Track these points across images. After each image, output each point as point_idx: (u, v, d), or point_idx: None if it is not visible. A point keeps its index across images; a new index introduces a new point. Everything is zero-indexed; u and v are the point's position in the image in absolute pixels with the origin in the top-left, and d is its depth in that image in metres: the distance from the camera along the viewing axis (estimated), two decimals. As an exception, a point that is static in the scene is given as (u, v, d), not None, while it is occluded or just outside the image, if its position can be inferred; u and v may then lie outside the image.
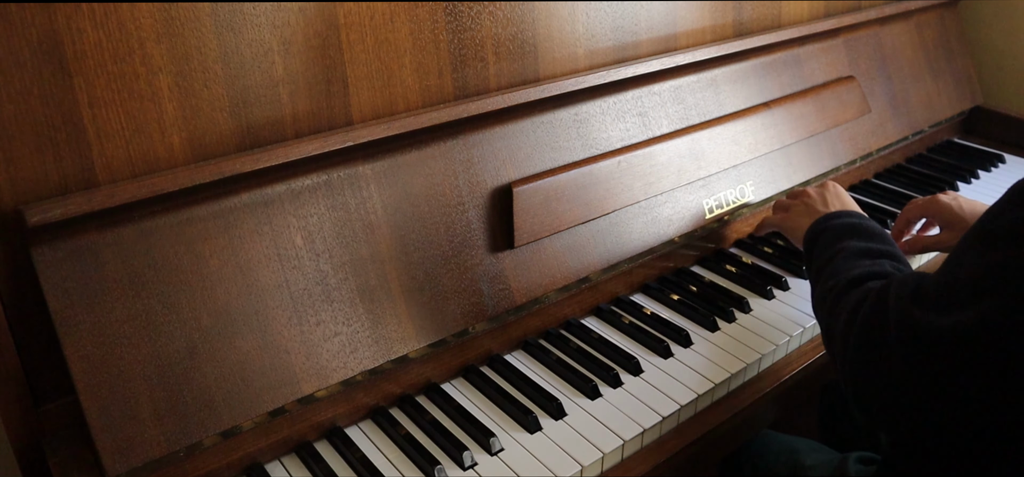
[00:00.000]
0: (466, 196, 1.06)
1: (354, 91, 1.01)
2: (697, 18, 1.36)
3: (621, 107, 1.23)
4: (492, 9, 1.09)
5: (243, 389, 0.88)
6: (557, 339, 1.14)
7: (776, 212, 1.31)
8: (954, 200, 1.25)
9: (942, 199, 1.26)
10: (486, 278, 1.07)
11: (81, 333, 0.81)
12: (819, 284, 0.97)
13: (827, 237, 1.04)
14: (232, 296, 0.89)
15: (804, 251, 1.10)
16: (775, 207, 1.34)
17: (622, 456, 0.96)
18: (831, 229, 1.05)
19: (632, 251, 1.21)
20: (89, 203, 0.80)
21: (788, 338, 1.13)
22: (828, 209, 1.16)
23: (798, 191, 1.30)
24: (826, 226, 1.07)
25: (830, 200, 1.19)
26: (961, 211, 1.23)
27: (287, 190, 0.94)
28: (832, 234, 1.04)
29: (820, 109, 1.48)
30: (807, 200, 1.22)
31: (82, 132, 0.83)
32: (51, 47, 0.80)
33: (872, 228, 1.03)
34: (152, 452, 0.83)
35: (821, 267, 1.00)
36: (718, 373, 1.06)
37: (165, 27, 0.86)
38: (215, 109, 0.91)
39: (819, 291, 0.96)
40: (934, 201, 1.26)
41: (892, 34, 1.69)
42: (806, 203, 1.21)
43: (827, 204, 1.18)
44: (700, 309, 1.19)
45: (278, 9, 0.92)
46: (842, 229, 1.04)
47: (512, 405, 1.00)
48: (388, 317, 0.99)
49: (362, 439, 0.98)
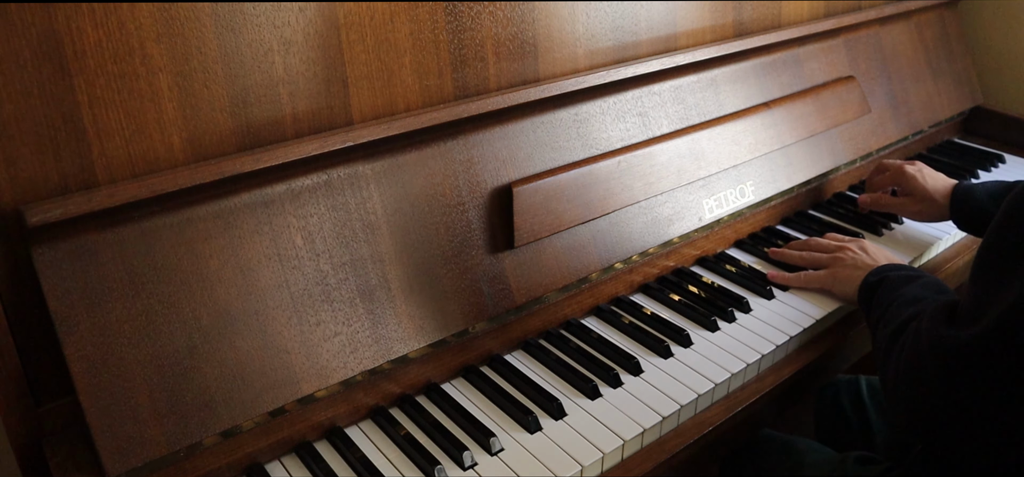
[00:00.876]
0: (466, 196, 1.06)
1: (354, 91, 1.01)
2: (697, 18, 1.36)
3: (621, 107, 1.23)
4: (492, 9, 1.09)
5: (243, 389, 0.88)
6: (557, 339, 1.14)
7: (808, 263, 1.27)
8: (919, 171, 1.38)
9: (908, 170, 1.38)
10: (486, 278, 1.07)
11: (81, 333, 0.81)
12: (878, 332, 0.98)
13: (886, 287, 1.05)
14: (232, 296, 0.89)
15: (863, 301, 1.10)
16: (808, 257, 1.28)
17: (622, 456, 0.96)
18: (889, 280, 1.06)
19: (632, 251, 1.21)
20: (89, 203, 0.80)
21: (788, 338, 1.13)
22: (876, 262, 1.17)
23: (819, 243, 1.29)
24: (885, 276, 1.07)
25: (873, 252, 1.21)
26: (924, 182, 1.36)
27: (287, 190, 0.94)
28: (891, 284, 1.04)
29: (820, 109, 1.47)
30: (851, 255, 1.21)
31: (82, 132, 0.83)
32: (51, 47, 0.80)
33: (928, 277, 1.04)
34: (152, 452, 0.83)
35: (880, 316, 1.00)
36: (718, 373, 1.06)
37: (165, 27, 0.86)
38: (215, 109, 0.91)
39: (878, 337, 0.96)
40: (901, 172, 1.39)
41: (892, 34, 1.69)
42: (852, 258, 1.21)
43: (873, 257, 1.20)
44: (700, 309, 1.19)
45: (278, 9, 0.92)
46: (901, 279, 1.04)
47: (512, 405, 1.00)
48: (388, 317, 0.99)
49: (362, 439, 0.98)
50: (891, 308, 0.98)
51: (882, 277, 1.07)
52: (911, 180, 1.37)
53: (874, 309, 1.04)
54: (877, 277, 1.08)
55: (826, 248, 1.28)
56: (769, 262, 1.35)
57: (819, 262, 1.26)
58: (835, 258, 1.23)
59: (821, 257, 1.26)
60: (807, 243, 1.32)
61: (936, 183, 1.36)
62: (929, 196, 1.36)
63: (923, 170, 1.38)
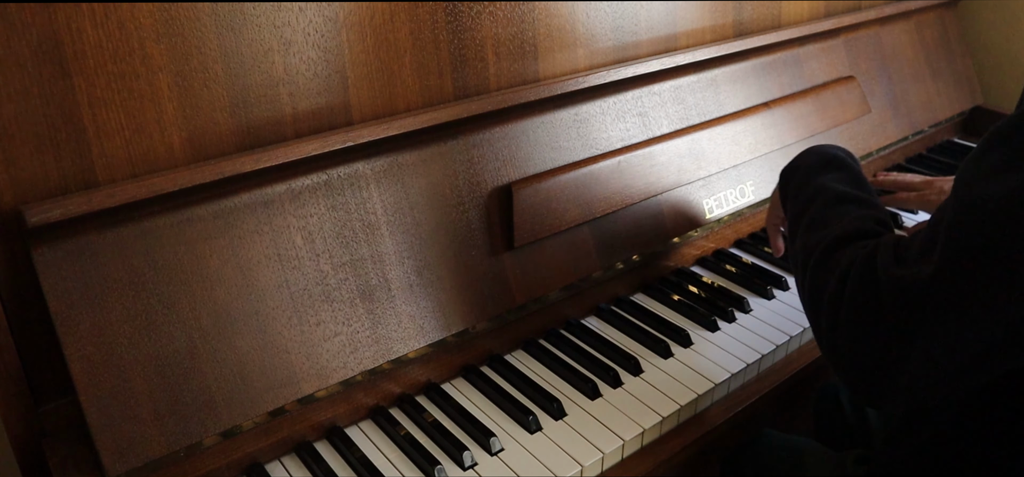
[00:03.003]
0: (466, 196, 1.06)
1: (354, 91, 1.01)
2: (697, 18, 1.36)
3: (621, 107, 1.23)
4: (492, 9, 1.09)
5: (243, 389, 0.88)
6: (557, 339, 1.14)
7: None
8: (938, 196, 1.26)
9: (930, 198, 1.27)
10: (486, 278, 1.07)
11: (81, 333, 0.81)
12: (799, 233, 0.90)
13: (800, 175, 0.97)
14: (232, 296, 0.89)
15: (781, 194, 1.02)
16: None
17: (622, 456, 0.96)
18: (803, 166, 0.98)
19: (632, 251, 1.21)
20: (89, 203, 0.80)
21: (788, 338, 1.13)
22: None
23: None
24: (798, 163, 1.00)
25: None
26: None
27: (287, 190, 0.94)
28: (805, 171, 0.97)
29: (820, 109, 1.47)
30: None
31: (82, 132, 0.83)
32: (51, 47, 0.80)
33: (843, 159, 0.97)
34: (152, 452, 0.83)
35: (798, 213, 0.93)
36: (718, 373, 1.06)
37: (165, 27, 0.86)
38: (215, 109, 0.91)
39: (800, 241, 0.89)
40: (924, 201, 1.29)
41: (892, 34, 1.69)
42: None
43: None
44: (700, 309, 1.19)
45: (278, 9, 0.92)
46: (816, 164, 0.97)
47: (512, 405, 1.00)
48: (388, 317, 0.99)
49: (362, 439, 0.98)
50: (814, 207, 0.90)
51: (796, 164, 1.00)
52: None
53: (790, 202, 0.96)
54: (792, 163, 1.01)
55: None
56: (772, 262, 1.35)
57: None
58: None
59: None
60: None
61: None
62: None
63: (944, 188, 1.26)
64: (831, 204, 0.89)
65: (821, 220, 0.88)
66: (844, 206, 0.89)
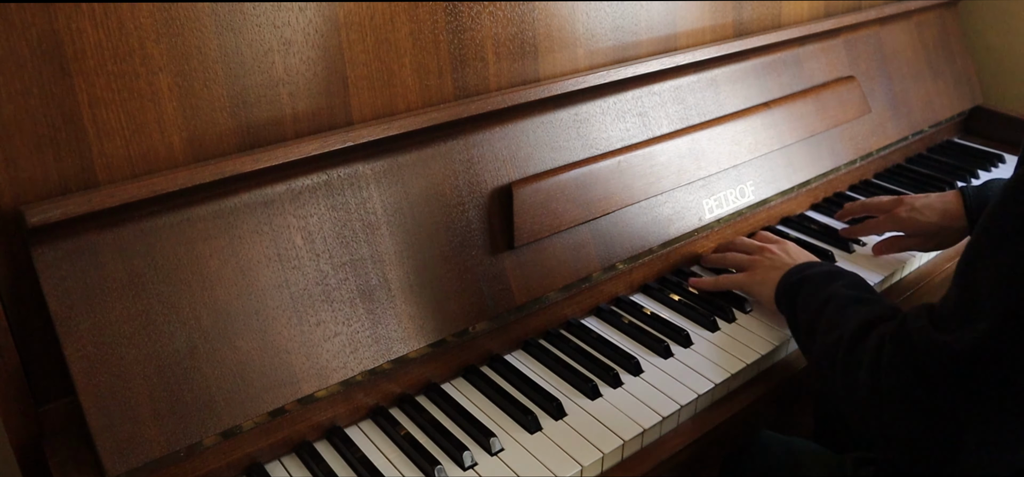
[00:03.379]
0: (466, 196, 1.06)
1: (354, 91, 1.01)
2: (697, 18, 1.36)
3: (621, 107, 1.23)
4: (492, 9, 1.09)
5: (243, 389, 0.89)
6: (557, 339, 1.14)
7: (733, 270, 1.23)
8: (911, 210, 1.28)
9: (903, 215, 1.29)
10: (486, 278, 1.07)
11: (81, 333, 0.81)
12: (818, 336, 0.93)
13: (810, 286, 1.00)
14: (232, 296, 0.89)
15: (784, 303, 1.06)
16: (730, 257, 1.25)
17: (622, 456, 0.96)
18: (811, 278, 1.01)
19: (632, 251, 1.21)
20: (89, 203, 0.80)
21: (788, 337, 1.13)
22: (792, 258, 1.13)
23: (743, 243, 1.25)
24: (805, 275, 1.03)
25: (794, 253, 1.16)
26: (930, 218, 1.26)
27: (287, 190, 0.94)
28: (814, 283, 1.00)
29: (820, 109, 1.48)
30: (770, 256, 1.17)
31: (82, 132, 0.83)
32: (51, 47, 0.80)
33: (850, 274, 1.01)
34: (152, 452, 0.83)
35: (813, 319, 0.96)
36: (718, 373, 1.06)
37: (165, 27, 0.86)
38: (215, 109, 0.91)
39: (820, 344, 0.92)
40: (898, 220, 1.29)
41: (892, 34, 1.69)
42: (770, 259, 1.17)
43: (793, 257, 1.15)
44: (700, 309, 1.19)
45: (278, 9, 0.92)
46: (823, 276, 1.00)
47: (512, 405, 1.00)
48: (388, 317, 0.99)
49: (362, 439, 0.98)
50: (828, 310, 0.93)
51: (802, 276, 1.03)
52: (911, 225, 1.28)
53: (801, 311, 0.99)
54: (797, 276, 1.04)
55: (748, 249, 1.23)
56: None
57: (739, 263, 1.21)
58: (754, 260, 1.18)
59: (741, 258, 1.21)
60: (731, 243, 1.27)
61: (934, 213, 1.27)
62: (939, 226, 1.26)
63: (915, 205, 1.29)
64: (843, 307, 0.92)
65: (837, 321, 0.91)
66: (856, 307, 0.91)
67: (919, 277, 1.35)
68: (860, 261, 1.34)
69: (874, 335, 0.82)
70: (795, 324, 1.03)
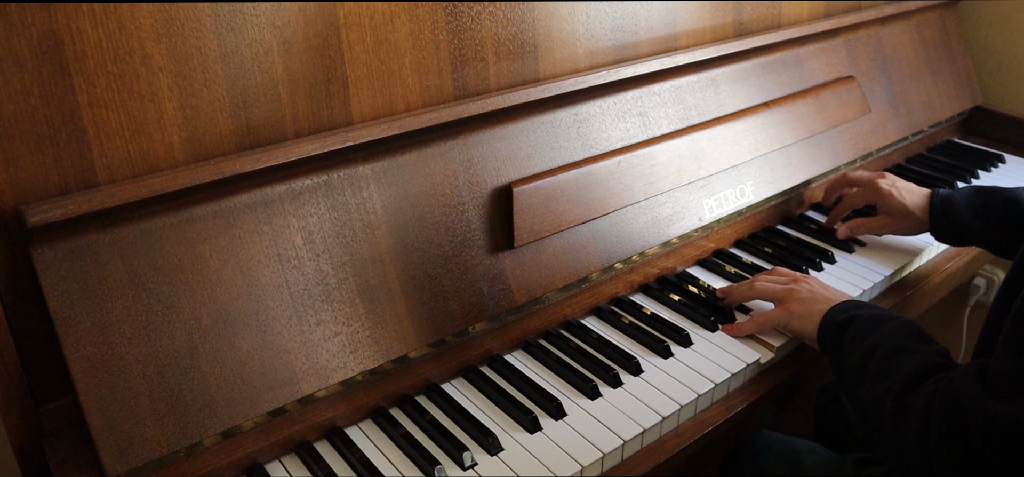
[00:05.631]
0: (466, 196, 1.06)
1: (354, 91, 1.01)
2: (697, 18, 1.36)
3: (621, 107, 1.23)
4: (492, 9, 1.09)
5: (243, 389, 0.88)
6: (557, 339, 1.14)
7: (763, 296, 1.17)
8: (893, 187, 1.32)
9: (883, 187, 1.33)
10: (486, 278, 1.07)
11: (81, 333, 0.81)
12: (866, 384, 0.91)
13: (858, 328, 0.97)
14: (232, 296, 0.89)
15: (828, 341, 1.01)
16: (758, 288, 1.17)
17: (622, 456, 0.96)
18: (861, 319, 0.98)
19: (632, 251, 1.21)
20: (89, 203, 0.80)
21: (789, 338, 1.13)
22: (830, 297, 1.08)
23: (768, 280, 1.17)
24: (854, 316, 0.99)
25: (818, 288, 1.12)
26: (902, 199, 1.31)
27: (287, 190, 0.94)
28: (863, 324, 0.97)
29: (820, 109, 1.48)
30: (806, 288, 1.12)
31: (82, 132, 0.83)
32: (51, 47, 0.80)
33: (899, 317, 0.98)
34: (152, 452, 0.83)
35: (861, 363, 0.93)
36: (718, 373, 1.06)
37: (165, 27, 0.86)
38: (215, 109, 0.91)
39: (867, 391, 0.90)
40: (876, 190, 1.34)
41: (892, 34, 1.69)
42: (808, 291, 1.11)
43: (824, 291, 1.11)
44: (700, 309, 1.19)
45: (278, 9, 0.92)
46: (873, 320, 0.97)
47: (512, 405, 1.00)
48: (388, 317, 0.99)
49: (362, 439, 0.98)
50: (877, 356, 0.91)
51: (849, 316, 0.99)
52: (888, 199, 1.31)
53: (849, 353, 0.96)
54: (844, 316, 1.00)
55: (777, 283, 1.16)
56: (770, 261, 1.35)
57: (774, 295, 1.14)
58: (790, 291, 1.12)
59: (776, 289, 1.14)
60: (754, 281, 1.18)
61: (913, 197, 1.30)
62: (909, 211, 1.30)
63: (897, 184, 1.32)
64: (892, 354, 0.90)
65: (886, 370, 0.89)
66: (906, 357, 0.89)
67: (919, 277, 1.35)
68: (860, 261, 1.34)
69: (924, 392, 0.81)
70: (840, 365, 0.99)
